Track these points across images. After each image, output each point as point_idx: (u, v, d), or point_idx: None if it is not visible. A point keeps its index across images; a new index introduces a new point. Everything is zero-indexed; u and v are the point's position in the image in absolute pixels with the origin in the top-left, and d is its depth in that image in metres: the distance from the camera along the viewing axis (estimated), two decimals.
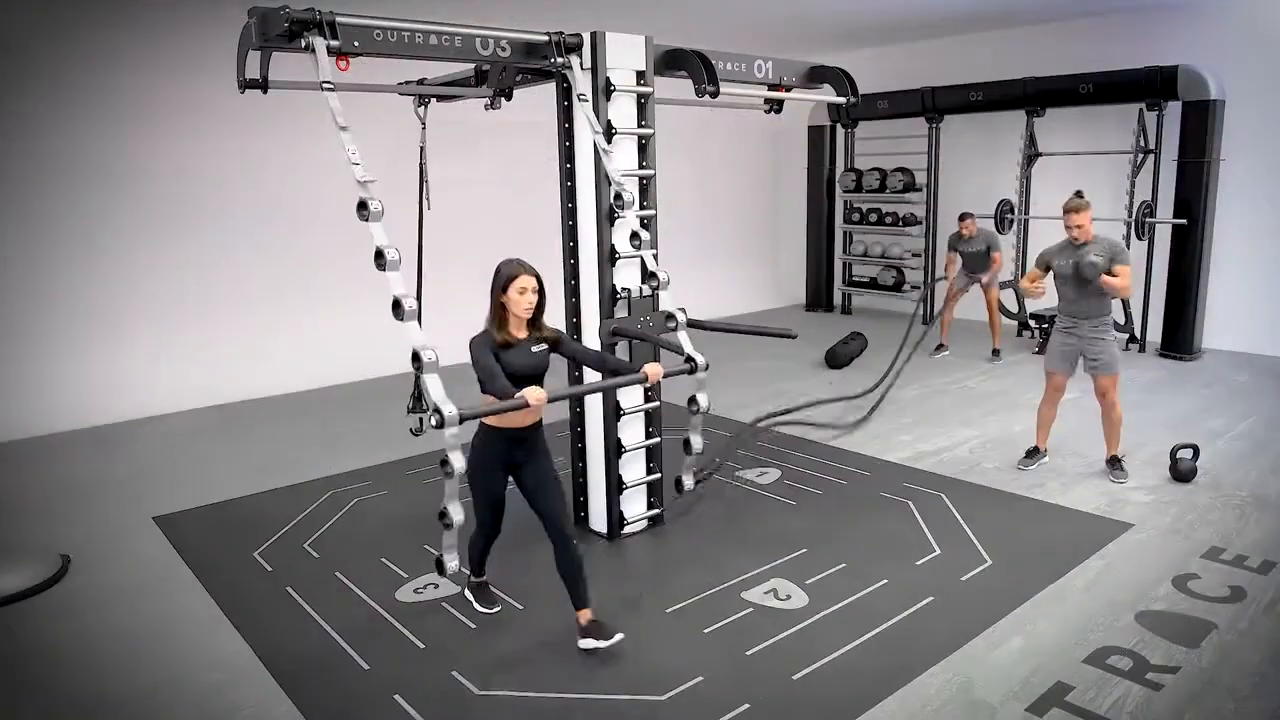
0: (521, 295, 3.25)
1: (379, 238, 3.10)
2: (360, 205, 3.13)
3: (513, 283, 3.26)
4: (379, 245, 3.08)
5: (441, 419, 2.85)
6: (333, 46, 3.48)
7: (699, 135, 10.32)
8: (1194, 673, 3.14)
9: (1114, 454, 5.12)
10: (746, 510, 4.82)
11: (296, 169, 7.56)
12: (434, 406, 2.88)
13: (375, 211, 3.13)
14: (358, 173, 3.16)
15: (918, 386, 7.33)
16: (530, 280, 3.27)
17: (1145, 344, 8.45)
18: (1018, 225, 9.31)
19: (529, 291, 3.26)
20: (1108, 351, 4.94)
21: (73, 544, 4.47)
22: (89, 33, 6.53)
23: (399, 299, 3.02)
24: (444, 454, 2.90)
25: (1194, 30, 8.12)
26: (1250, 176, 8.03)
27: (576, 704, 3.07)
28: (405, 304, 3.02)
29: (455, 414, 2.86)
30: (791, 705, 3.04)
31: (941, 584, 3.86)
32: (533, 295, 3.27)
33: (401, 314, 3.03)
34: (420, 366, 2.94)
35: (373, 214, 3.13)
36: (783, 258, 12.24)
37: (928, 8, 8.18)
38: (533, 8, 6.91)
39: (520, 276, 3.27)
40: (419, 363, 2.94)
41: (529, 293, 3.26)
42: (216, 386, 7.35)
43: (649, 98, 4.31)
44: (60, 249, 6.66)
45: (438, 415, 2.86)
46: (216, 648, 3.50)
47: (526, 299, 3.26)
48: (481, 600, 3.76)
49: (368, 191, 3.15)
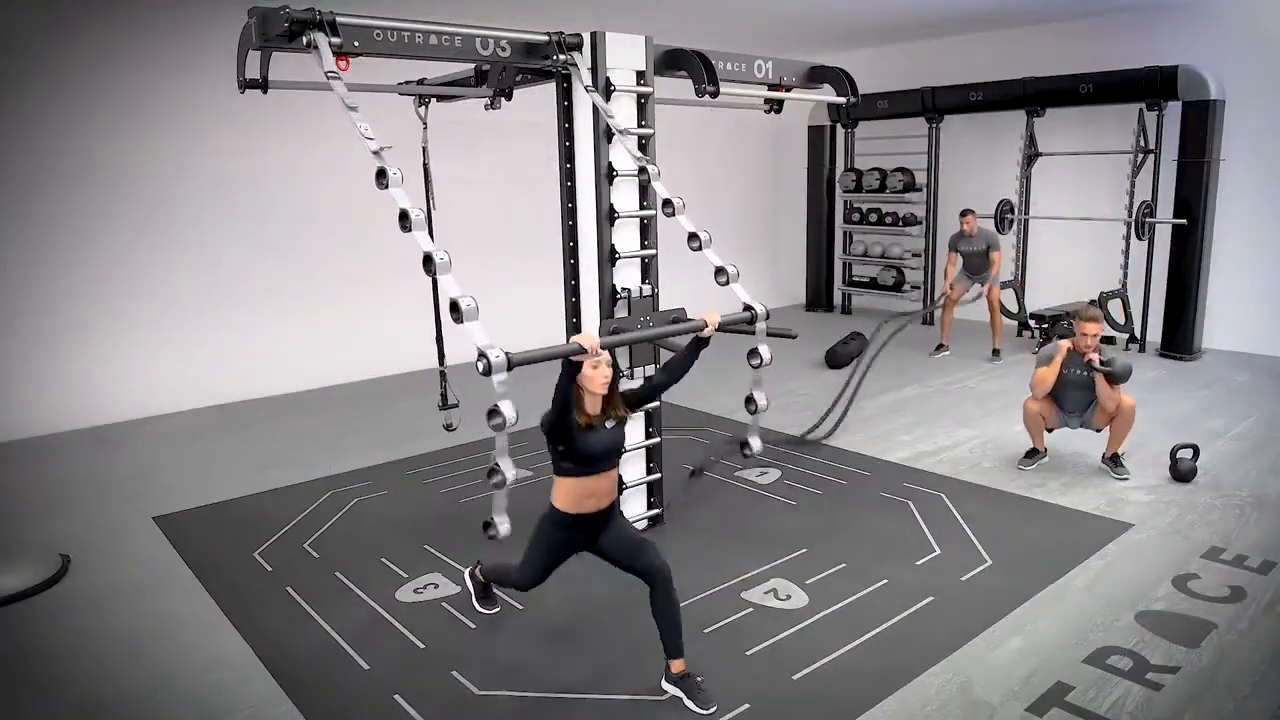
0: (595, 370, 2.98)
1: (401, 200, 3.04)
2: (379, 174, 3.09)
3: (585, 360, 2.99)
4: (403, 207, 3.01)
5: (489, 364, 2.69)
6: (334, 44, 3.48)
7: (699, 135, 10.32)
8: (1194, 673, 3.14)
9: (1115, 451, 5.11)
10: (746, 510, 4.82)
11: (296, 169, 7.57)
12: (479, 351, 2.70)
13: (394, 178, 3.09)
14: (371, 145, 3.12)
15: (918, 386, 7.34)
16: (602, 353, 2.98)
17: (1145, 344, 8.45)
18: (1018, 225, 9.31)
19: (603, 364, 2.99)
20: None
21: (73, 544, 4.47)
22: (89, 33, 6.53)
23: (456, 300, 2.83)
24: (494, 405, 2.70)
25: (1194, 30, 8.12)
26: (1250, 176, 8.03)
27: (576, 704, 3.07)
28: (463, 304, 2.83)
29: (503, 359, 2.70)
30: (791, 705, 3.04)
31: (941, 584, 3.86)
32: (607, 370, 3.01)
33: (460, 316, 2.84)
34: (460, 316, 2.79)
35: (391, 180, 3.08)
36: (783, 257, 12.24)
37: (928, 8, 8.18)
38: (533, 8, 6.91)
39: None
40: (458, 312, 2.80)
41: (603, 365, 2.99)
42: (216, 386, 7.35)
43: (649, 98, 4.31)
44: (60, 249, 6.67)
45: (484, 360, 2.70)
46: (216, 648, 3.50)
47: (601, 374, 2.99)
48: (483, 602, 3.75)
49: (384, 160, 3.10)
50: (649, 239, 4.38)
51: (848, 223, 11.13)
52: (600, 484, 3.08)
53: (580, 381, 2.99)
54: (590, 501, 3.08)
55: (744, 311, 3.49)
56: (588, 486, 3.06)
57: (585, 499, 3.08)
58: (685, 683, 3.08)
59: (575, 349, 2.86)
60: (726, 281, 3.64)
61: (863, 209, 10.93)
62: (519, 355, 2.75)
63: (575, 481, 3.05)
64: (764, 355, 3.51)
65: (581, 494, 3.07)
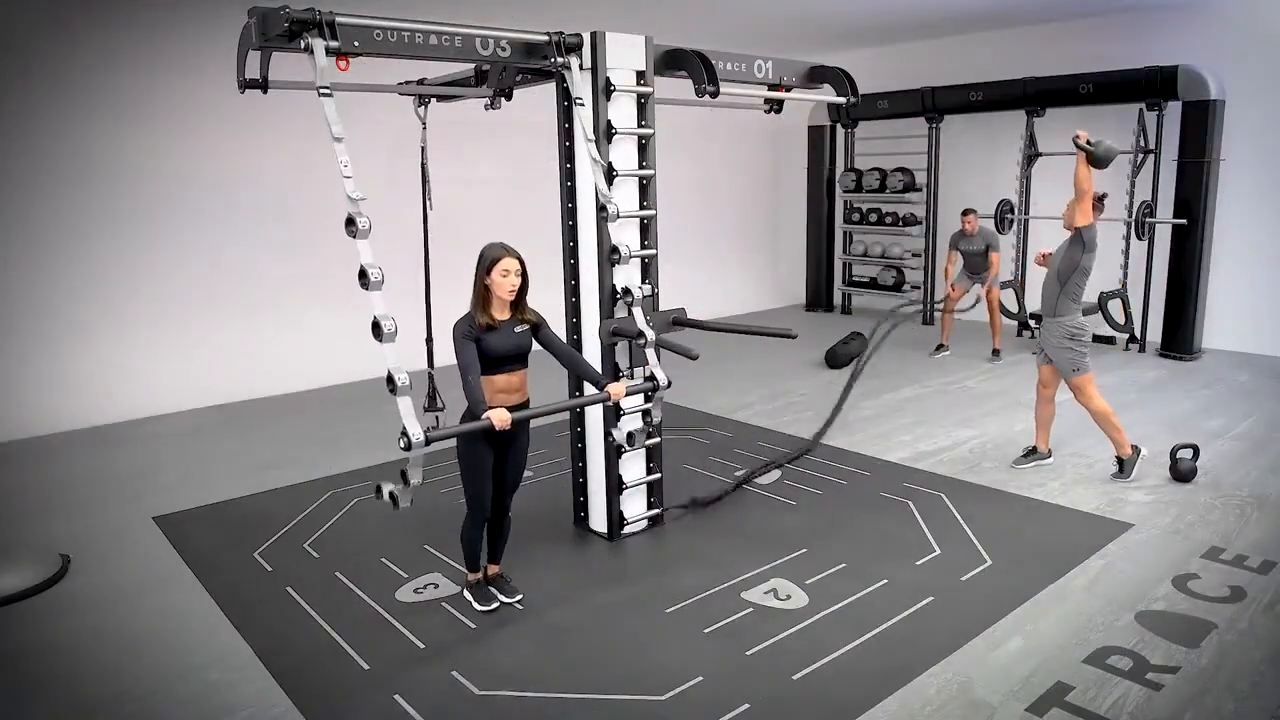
0: (504, 278, 3.37)
1: (364, 256, 3.12)
2: (348, 221, 3.14)
3: (496, 265, 3.38)
4: (363, 264, 3.10)
5: (409, 442, 3.00)
6: (332, 47, 3.47)
7: (699, 135, 10.32)
8: (1194, 673, 3.14)
9: (1118, 456, 5.08)
10: (746, 510, 4.81)
11: (296, 169, 7.56)
12: (402, 429, 3.01)
13: (362, 229, 3.14)
14: (349, 187, 3.16)
15: (918, 386, 7.34)
16: (513, 263, 3.39)
17: (1145, 344, 8.45)
18: (1018, 225, 9.31)
19: (512, 274, 3.37)
20: (1056, 352, 5.01)
21: (73, 544, 4.47)
22: (89, 33, 6.53)
23: (378, 320, 3.05)
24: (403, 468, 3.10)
25: (1194, 30, 8.12)
26: (1250, 176, 8.03)
27: (576, 704, 3.07)
28: (384, 325, 3.05)
29: (421, 438, 3.03)
30: (791, 705, 3.04)
31: (941, 584, 3.86)
32: (515, 278, 3.39)
33: (380, 335, 3.06)
34: (395, 389, 3.05)
35: (359, 231, 3.14)
36: (783, 258, 12.24)
37: (928, 8, 8.18)
38: (533, 8, 6.91)
39: (503, 259, 3.38)
40: (393, 385, 3.05)
41: (512, 275, 3.37)
42: (216, 386, 7.35)
43: (649, 98, 4.31)
44: (60, 249, 6.67)
45: (405, 438, 3.01)
46: (216, 647, 3.50)
47: (509, 281, 3.37)
48: (480, 599, 3.75)
49: (356, 208, 3.15)
50: (649, 239, 4.38)
51: (848, 223, 11.13)
52: (510, 380, 3.49)
53: (489, 286, 3.39)
54: (503, 396, 3.45)
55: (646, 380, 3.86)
56: (498, 384, 3.46)
57: (498, 394, 3.44)
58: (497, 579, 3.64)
59: (487, 424, 3.20)
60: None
61: (863, 209, 10.93)
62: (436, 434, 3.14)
63: (487, 380, 3.40)
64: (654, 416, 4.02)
65: (494, 390, 3.43)
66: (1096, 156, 4.80)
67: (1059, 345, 4.98)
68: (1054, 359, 5.04)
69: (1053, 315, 5.00)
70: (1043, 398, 5.24)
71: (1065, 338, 4.95)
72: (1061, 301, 4.95)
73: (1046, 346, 5.07)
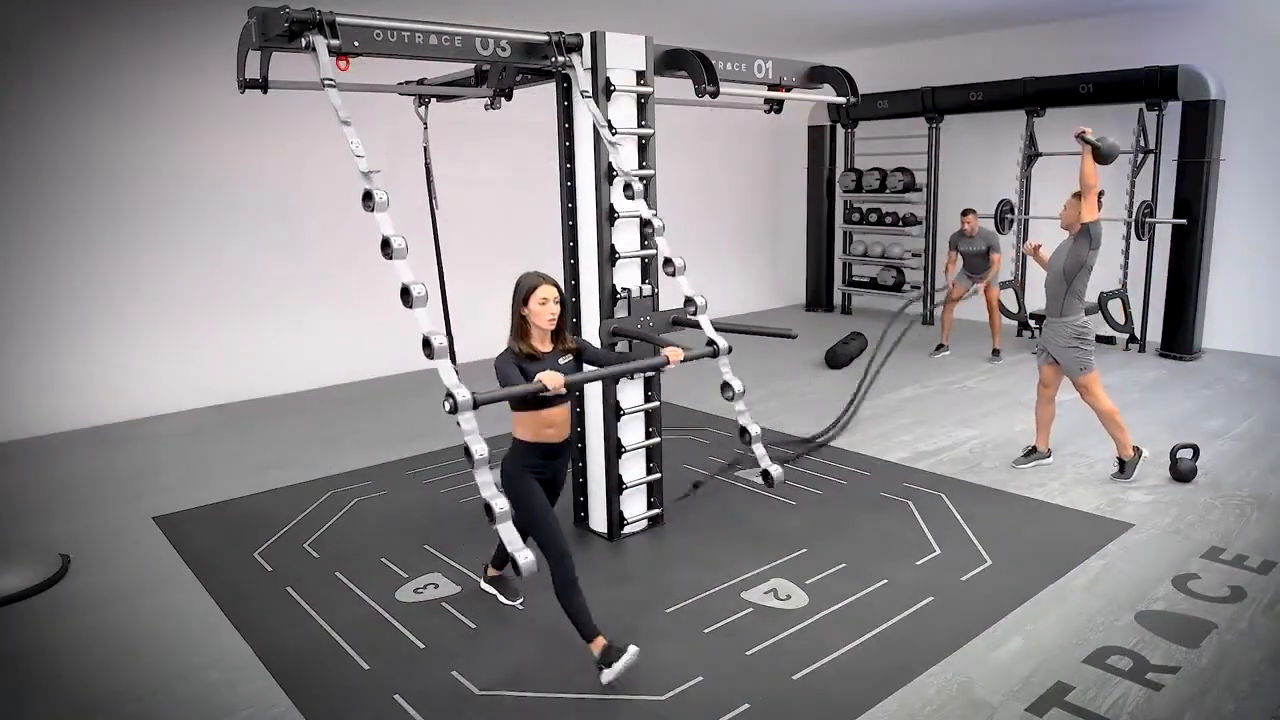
0: (543, 306, 3.19)
1: (385, 227, 3.05)
2: (365, 196, 3.09)
3: (533, 294, 3.21)
4: (385, 234, 3.02)
5: (455, 403, 2.73)
6: (333, 46, 3.48)
7: (699, 135, 10.32)
8: (1194, 673, 3.14)
9: (1119, 456, 5.07)
10: (746, 510, 4.82)
11: (296, 169, 7.57)
12: (447, 391, 2.75)
13: (380, 202, 3.08)
14: (361, 165, 3.13)
15: (918, 386, 7.34)
16: (551, 290, 3.22)
17: (1145, 344, 8.45)
18: (1018, 225, 9.31)
19: (550, 302, 3.20)
20: (1064, 352, 4.99)
21: (73, 544, 4.47)
22: (89, 33, 6.54)
23: (408, 286, 2.91)
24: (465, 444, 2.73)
25: (1194, 30, 8.12)
26: (1250, 176, 8.03)
27: (576, 704, 3.07)
28: (414, 290, 2.91)
29: (469, 398, 2.74)
30: (791, 705, 3.04)
31: (941, 584, 3.86)
32: (554, 305, 3.21)
33: (410, 301, 2.91)
34: (431, 352, 2.82)
35: (378, 204, 3.08)
36: (783, 258, 12.25)
37: (928, 8, 8.18)
38: (533, 8, 6.91)
39: (541, 287, 3.21)
40: (430, 348, 2.82)
41: (550, 303, 3.20)
42: (216, 386, 7.35)
43: (649, 98, 4.31)
44: (60, 249, 6.67)
45: (450, 400, 2.73)
46: (216, 647, 3.50)
47: (548, 310, 3.20)
48: (505, 593, 3.78)
49: (372, 182, 3.11)
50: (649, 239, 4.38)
51: (848, 223, 11.13)
52: (554, 414, 3.28)
53: (529, 317, 3.22)
54: (549, 431, 3.28)
55: (708, 345, 3.56)
56: (544, 418, 3.25)
57: (544, 429, 3.26)
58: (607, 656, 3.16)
59: (539, 387, 2.97)
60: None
61: (863, 209, 10.93)
62: (484, 395, 2.81)
63: (532, 415, 3.23)
64: (735, 387, 3.55)
65: (539, 424, 3.25)
66: (1102, 151, 4.80)
67: (1065, 345, 4.97)
68: (1060, 359, 5.02)
69: (1059, 315, 4.98)
70: (1043, 398, 5.24)
71: (1072, 337, 4.95)
72: (1068, 301, 4.93)
73: (1051, 347, 5.05)
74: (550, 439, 3.29)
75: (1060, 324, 4.98)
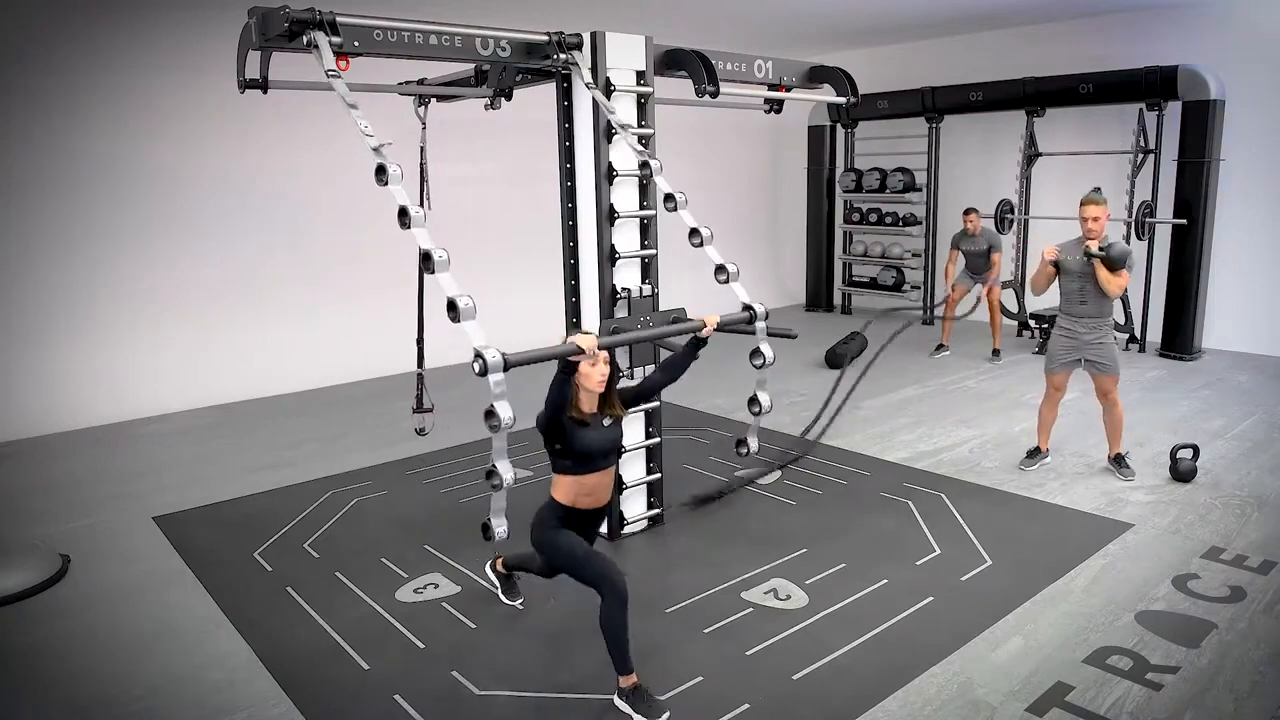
0: (593, 368, 3.03)
1: (400, 198, 3.05)
2: (379, 170, 3.08)
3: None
4: (402, 204, 3.01)
5: (485, 364, 2.67)
6: (334, 44, 3.48)
7: (699, 135, 10.32)
8: (1194, 673, 3.14)
9: (1118, 452, 5.11)
10: (746, 510, 4.82)
11: (296, 169, 7.57)
12: (475, 352, 2.68)
13: (394, 174, 3.09)
14: (371, 142, 3.11)
15: (918, 386, 7.34)
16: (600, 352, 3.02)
17: (1145, 344, 8.45)
18: (1018, 225, 9.31)
19: (600, 363, 3.04)
20: (1108, 353, 4.94)
21: (73, 544, 4.47)
22: (89, 33, 6.53)
23: (428, 251, 2.88)
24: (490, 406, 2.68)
25: (1194, 30, 8.12)
26: (1250, 176, 8.03)
27: (576, 704, 3.07)
28: (435, 255, 2.87)
29: (499, 360, 2.68)
30: (791, 705, 3.04)
31: (941, 584, 3.86)
32: (604, 367, 3.05)
33: (431, 266, 2.88)
34: (457, 314, 2.77)
35: (391, 177, 3.08)
36: (783, 257, 12.25)
37: (928, 8, 8.18)
38: (533, 8, 6.91)
39: None
40: (455, 311, 2.78)
41: (600, 364, 3.04)
42: (216, 386, 7.35)
43: (649, 98, 4.31)
44: (60, 249, 6.67)
45: (480, 360, 2.67)
46: (216, 647, 3.50)
47: (599, 370, 3.04)
48: (508, 593, 3.76)
49: (384, 156, 3.10)
50: (649, 239, 4.38)
51: (848, 223, 11.13)
52: (599, 481, 3.15)
53: (577, 379, 3.03)
54: (587, 499, 3.16)
55: (743, 311, 3.49)
56: (586, 484, 3.13)
57: (583, 496, 3.14)
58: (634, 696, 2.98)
59: (573, 349, 2.88)
60: (726, 279, 3.62)
61: (863, 209, 10.93)
62: (515, 356, 2.73)
63: (574, 480, 3.11)
64: (766, 355, 3.52)
65: (580, 491, 3.13)
66: (1113, 258, 4.76)
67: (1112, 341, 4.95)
68: (1107, 358, 4.92)
69: (1102, 316, 4.92)
70: (1053, 400, 5.22)
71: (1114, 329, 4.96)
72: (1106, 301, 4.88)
73: (1090, 351, 4.94)
74: (587, 506, 3.17)
75: (1105, 325, 4.94)
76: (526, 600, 3.78)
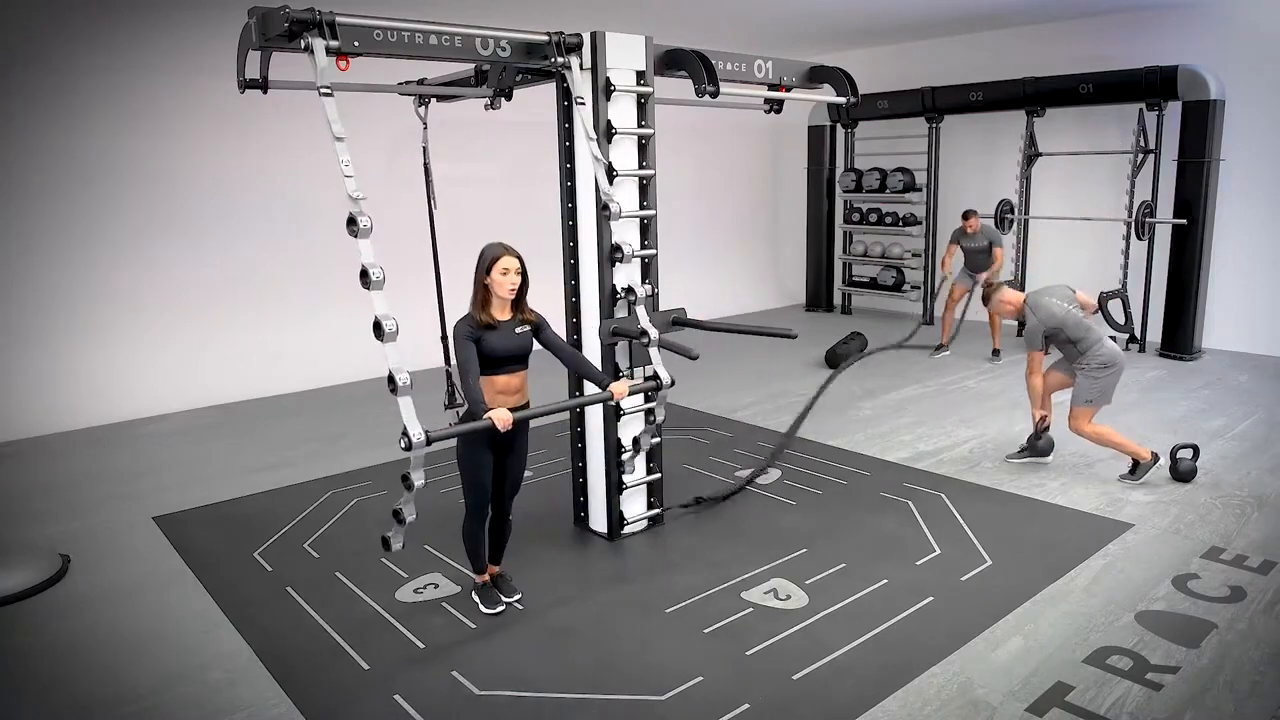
0: (504, 276, 3.36)
1: (366, 255, 3.13)
2: (350, 221, 3.15)
3: (495, 264, 3.37)
4: (364, 264, 3.11)
5: (410, 442, 3.02)
6: (332, 47, 3.47)
7: (699, 135, 10.32)
8: (1194, 673, 3.14)
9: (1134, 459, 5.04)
10: (746, 510, 4.81)
11: (297, 169, 7.56)
12: (403, 429, 3.02)
13: (364, 228, 3.15)
14: (350, 186, 3.17)
15: (918, 386, 7.34)
16: (513, 261, 3.38)
17: (1145, 344, 8.45)
18: (1018, 225, 9.31)
19: (511, 272, 3.36)
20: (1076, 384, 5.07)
21: (73, 544, 4.47)
22: (89, 33, 6.53)
23: (379, 320, 3.07)
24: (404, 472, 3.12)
25: (1194, 30, 8.12)
26: (1250, 176, 8.03)
27: (576, 704, 3.07)
28: (385, 325, 3.08)
29: (422, 439, 3.04)
30: (791, 705, 3.04)
31: (941, 584, 3.86)
32: (515, 276, 3.37)
33: (382, 335, 3.08)
34: (395, 389, 3.06)
35: (361, 230, 3.15)
36: (783, 258, 12.24)
37: (928, 8, 8.18)
38: (533, 8, 6.91)
39: (503, 258, 3.37)
40: (394, 385, 3.07)
41: (511, 273, 3.36)
42: (216, 386, 7.35)
43: (649, 98, 4.31)
44: (60, 249, 6.67)
45: (405, 438, 3.02)
46: (216, 647, 3.50)
47: (509, 280, 3.36)
48: (486, 601, 3.74)
49: (358, 207, 3.15)
50: (649, 239, 4.38)
51: (848, 223, 11.13)
52: (511, 381, 3.47)
53: (489, 285, 3.38)
54: (503, 398, 3.44)
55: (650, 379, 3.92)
56: (498, 384, 3.44)
57: (498, 395, 3.43)
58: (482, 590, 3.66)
59: (488, 424, 3.20)
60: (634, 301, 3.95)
61: (863, 209, 10.93)
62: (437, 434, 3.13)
63: (488, 380, 3.40)
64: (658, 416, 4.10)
65: (494, 391, 3.43)
66: None
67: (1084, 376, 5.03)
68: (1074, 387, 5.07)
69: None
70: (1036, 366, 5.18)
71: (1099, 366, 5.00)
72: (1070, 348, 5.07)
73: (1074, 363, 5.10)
74: (503, 405, 3.37)
75: None
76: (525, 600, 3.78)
